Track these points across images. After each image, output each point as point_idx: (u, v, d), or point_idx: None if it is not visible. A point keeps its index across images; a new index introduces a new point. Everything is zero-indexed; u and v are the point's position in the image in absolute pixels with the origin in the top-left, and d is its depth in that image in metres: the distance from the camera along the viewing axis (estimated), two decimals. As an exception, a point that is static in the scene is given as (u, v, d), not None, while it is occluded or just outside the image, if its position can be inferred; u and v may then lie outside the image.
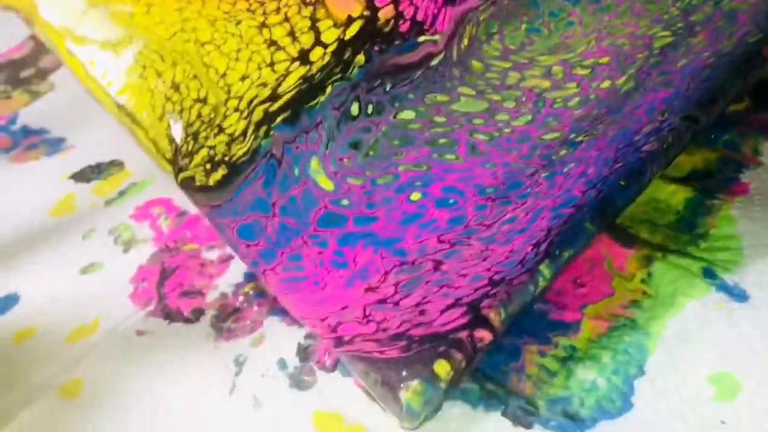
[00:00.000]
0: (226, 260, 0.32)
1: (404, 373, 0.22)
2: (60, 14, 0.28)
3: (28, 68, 0.47)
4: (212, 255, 0.32)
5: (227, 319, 0.29)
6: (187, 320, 0.30)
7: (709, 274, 0.26)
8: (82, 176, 0.38)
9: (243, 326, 0.29)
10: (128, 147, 0.41)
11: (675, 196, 0.29)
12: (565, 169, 0.24)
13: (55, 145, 0.41)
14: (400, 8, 0.27)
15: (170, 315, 0.30)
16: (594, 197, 0.24)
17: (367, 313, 0.23)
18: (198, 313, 0.30)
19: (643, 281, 0.26)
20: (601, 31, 0.25)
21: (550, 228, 0.24)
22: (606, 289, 0.26)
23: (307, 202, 0.25)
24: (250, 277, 0.31)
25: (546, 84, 0.26)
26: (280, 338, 0.28)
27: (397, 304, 0.23)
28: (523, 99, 0.25)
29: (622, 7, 0.25)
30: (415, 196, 0.25)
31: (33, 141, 0.42)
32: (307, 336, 0.28)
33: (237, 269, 0.31)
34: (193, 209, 0.35)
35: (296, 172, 0.25)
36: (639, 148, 0.24)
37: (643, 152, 0.24)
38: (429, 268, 0.23)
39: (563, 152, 0.24)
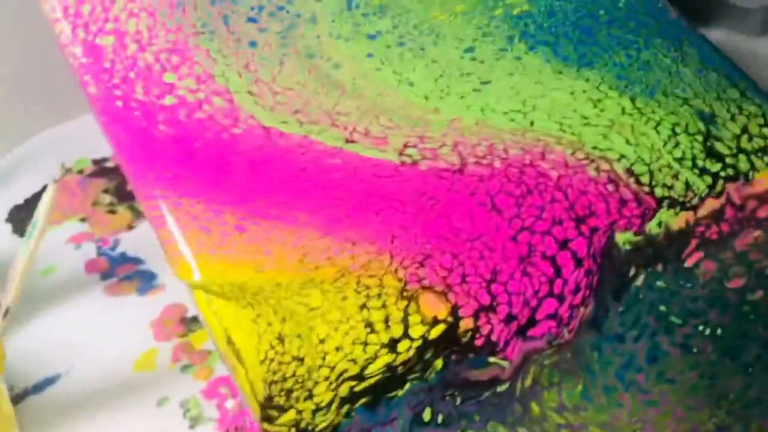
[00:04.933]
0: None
1: None
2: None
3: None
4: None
5: None
6: None
7: None
8: (165, 330, 0.43)
9: None
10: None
11: None
12: None
13: (147, 280, 0.46)
14: (479, 323, 0.31)
15: None
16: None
17: None
18: None
19: None
20: (646, 423, 0.29)
21: None
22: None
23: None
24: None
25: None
26: None
27: None
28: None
29: (667, 407, 0.29)
30: None
31: (128, 270, 0.47)
32: None
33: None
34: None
35: (368, 467, 0.29)
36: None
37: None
38: None
39: None
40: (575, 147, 0.35)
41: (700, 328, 0.30)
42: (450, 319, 0.31)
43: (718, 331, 0.30)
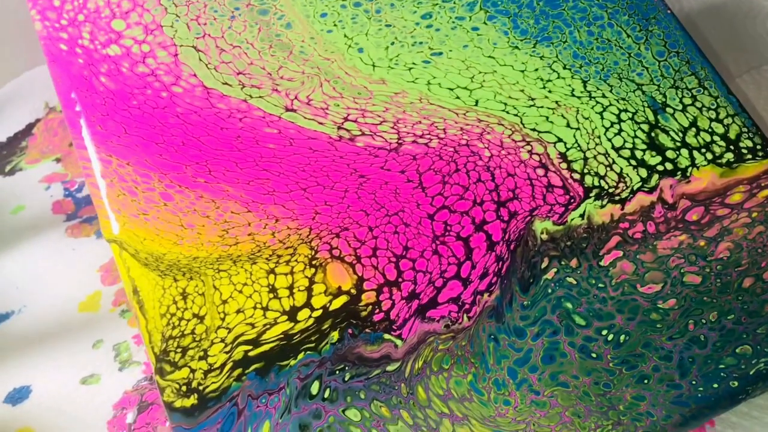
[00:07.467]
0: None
1: None
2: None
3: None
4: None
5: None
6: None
7: None
8: (112, 275, 0.45)
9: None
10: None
11: None
12: None
13: (108, 224, 0.47)
14: (381, 297, 0.31)
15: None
16: None
17: None
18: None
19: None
20: (529, 425, 0.28)
21: None
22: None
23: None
24: None
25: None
26: None
27: None
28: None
29: (555, 411, 0.28)
30: None
31: (90, 212, 0.47)
32: None
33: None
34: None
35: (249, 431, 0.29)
36: None
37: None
38: None
39: None
40: (514, 129, 0.34)
41: (604, 332, 0.29)
42: (354, 291, 0.31)
43: (621, 338, 0.29)
